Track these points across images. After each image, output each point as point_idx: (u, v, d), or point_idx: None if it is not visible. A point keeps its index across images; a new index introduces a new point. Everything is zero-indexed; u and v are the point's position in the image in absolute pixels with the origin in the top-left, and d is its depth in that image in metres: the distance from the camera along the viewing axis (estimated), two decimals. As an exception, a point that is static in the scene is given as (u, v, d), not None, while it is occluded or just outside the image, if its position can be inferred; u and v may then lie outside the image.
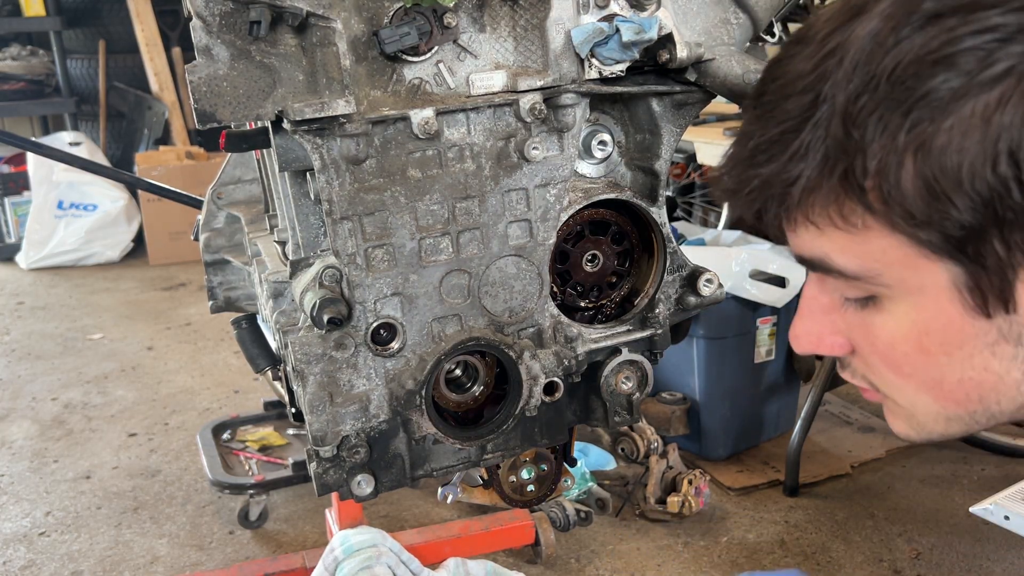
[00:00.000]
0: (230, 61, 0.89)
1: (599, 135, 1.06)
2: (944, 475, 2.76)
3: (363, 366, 0.99)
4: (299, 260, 1.03)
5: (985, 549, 2.38)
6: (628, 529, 2.51)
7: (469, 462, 1.09)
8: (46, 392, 3.67)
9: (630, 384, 1.11)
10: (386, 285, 0.97)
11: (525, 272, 1.03)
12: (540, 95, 0.97)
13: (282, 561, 2.27)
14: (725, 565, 2.36)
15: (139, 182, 2.71)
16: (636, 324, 1.12)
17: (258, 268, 1.36)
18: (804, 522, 2.53)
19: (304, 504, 2.72)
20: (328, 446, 0.99)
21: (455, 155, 0.97)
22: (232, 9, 0.89)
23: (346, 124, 0.91)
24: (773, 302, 2.72)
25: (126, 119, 6.42)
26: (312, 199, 1.03)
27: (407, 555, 1.95)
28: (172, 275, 5.35)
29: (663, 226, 1.09)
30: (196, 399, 3.53)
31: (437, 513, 2.64)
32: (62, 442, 3.21)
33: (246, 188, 1.70)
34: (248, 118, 0.91)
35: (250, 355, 1.56)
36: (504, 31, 0.97)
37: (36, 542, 2.59)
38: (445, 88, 0.96)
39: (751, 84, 1.01)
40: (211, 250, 1.72)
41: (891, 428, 0.76)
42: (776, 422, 2.97)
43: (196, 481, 2.88)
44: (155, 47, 6.03)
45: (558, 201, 1.02)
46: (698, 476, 2.50)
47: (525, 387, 1.03)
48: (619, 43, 0.95)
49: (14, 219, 5.84)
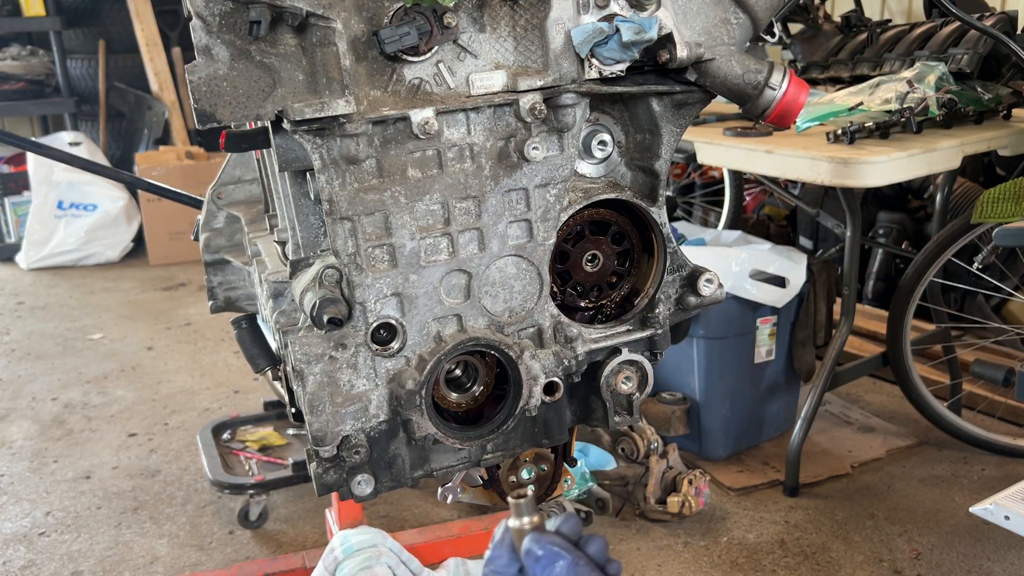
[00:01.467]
0: (230, 61, 0.89)
1: (599, 135, 1.06)
2: (944, 475, 2.76)
3: (363, 366, 0.99)
4: (299, 260, 1.03)
5: (985, 549, 2.37)
6: (628, 529, 2.51)
7: (469, 462, 1.09)
8: (46, 392, 3.67)
9: (630, 384, 1.11)
10: (386, 285, 0.97)
11: (525, 272, 1.03)
12: (540, 95, 0.97)
13: (282, 561, 2.27)
14: (725, 565, 2.36)
15: (139, 182, 2.71)
16: (636, 324, 1.12)
17: (258, 268, 1.36)
18: (804, 522, 2.53)
19: (304, 504, 2.72)
20: (328, 446, 0.99)
21: (455, 155, 0.97)
22: (232, 9, 0.88)
23: (346, 124, 0.90)
24: (773, 302, 2.72)
25: (126, 119, 6.42)
26: (312, 199, 1.03)
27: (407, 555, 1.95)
28: (172, 275, 5.35)
29: (663, 226, 1.09)
30: (196, 399, 3.52)
31: (437, 513, 2.64)
32: (62, 442, 3.21)
33: (246, 188, 1.70)
34: (248, 118, 0.91)
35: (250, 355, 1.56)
36: (504, 31, 0.97)
37: (36, 542, 2.59)
38: (445, 88, 0.96)
39: (751, 84, 1.01)
40: (211, 250, 1.72)
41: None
42: (776, 422, 2.97)
43: (196, 481, 2.88)
44: (155, 47, 6.03)
45: (558, 201, 1.02)
46: (698, 476, 2.50)
47: (525, 387, 1.03)
48: (619, 43, 0.95)
49: (14, 219, 5.84)
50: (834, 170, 2.22)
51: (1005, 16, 2.73)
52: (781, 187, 3.27)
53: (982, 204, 2.38)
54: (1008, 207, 2.32)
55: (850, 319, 2.71)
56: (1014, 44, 2.30)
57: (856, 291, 2.77)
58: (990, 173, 3.60)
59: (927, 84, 2.44)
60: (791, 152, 2.33)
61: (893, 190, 3.75)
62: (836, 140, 2.36)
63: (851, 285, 2.68)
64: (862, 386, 3.38)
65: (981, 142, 2.44)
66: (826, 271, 2.90)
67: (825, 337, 2.93)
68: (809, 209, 2.98)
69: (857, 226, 2.64)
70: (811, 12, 3.25)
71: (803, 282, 2.75)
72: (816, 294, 2.88)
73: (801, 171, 2.33)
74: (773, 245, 2.83)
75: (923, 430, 3.00)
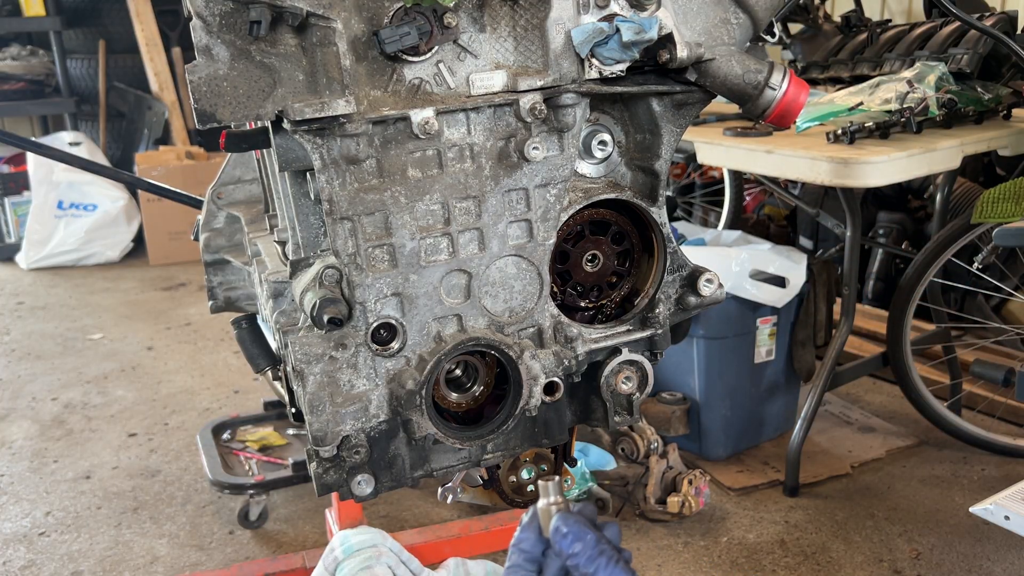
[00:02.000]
0: (230, 61, 0.89)
1: (599, 135, 1.06)
2: (944, 475, 2.76)
3: (363, 366, 0.99)
4: (299, 260, 1.03)
5: (985, 549, 2.38)
6: (628, 529, 2.51)
7: (469, 462, 1.09)
8: (46, 392, 3.67)
9: (630, 384, 1.11)
10: (386, 285, 0.97)
11: (525, 272, 1.03)
12: (540, 95, 0.97)
13: (282, 561, 2.27)
14: (725, 565, 2.36)
15: (139, 182, 2.71)
16: (636, 324, 1.12)
17: (258, 268, 1.36)
18: (804, 522, 2.53)
19: (304, 504, 2.72)
20: (328, 446, 0.99)
21: (455, 155, 0.97)
22: (232, 9, 0.88)
23: (346, 124, 0.90)
24: (773, 302, 2.72)
25: (126, 119, 6.42)
26: (312, 199, 1.03)
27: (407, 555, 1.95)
28: (172, 275, 5.35)
29: (663, 226, 1.09)
30: (196, 399, 3.53)
31: (437, 513, 2.64)
32: (62, 442, 3.21)
33: (246, 188, 1.70)
34: (248, 118, 0.91)
35: (250, 355, 1.56)
36: (504, 31, 0.97)
37: (36, 542, 2.59)
38: (445, 88, 0.96)
39: (751, 84, 1.01)
40: (211, 250, 1.72)
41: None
42: (776, 422, 2.97)
43: (196, 481, 2.88)
44: (155, 47, 6.03)
45: (558, 201, 1.02)
46: (698, 476, 2.50)
47: (525, 387, 1.03)
48: (619, 43, 0.95)
49: (14, 219, 5.84)
50: (834, 170, 2.22)
51: (1005, 16, 2.73)
52: (781, 187, 3.27)
53: (982, 204, 2.38)
54: (1008, 207, 2.32)
55: (850, 319, 2.71)
56: (1014, 44, 2.30)
57: (856, 291, 2.77)
58: (990, 173, 3.60)
59: (927, 84, 2.44)
60: (791, 152, 2.33)
61: (893, 190, 3.75)
62: (836, 140, 2.36)
63: (851, 285, 2.68)
64: (862, 386, 3.38)
65: (981, 142, 2.44)
66: (826, 271, 2.90)
67: (825, 337, 2.94)
68: (809, 209, 2.98)
69: (857, 226, 2.64)
70: (811, 12, 3.25)
71: (803, 282, 2.75)
72: (816, 294, 2.88)
73: (801, 171, 2.33)
74: (773, 245, 2.83)
75: (923, 430, 3.00)
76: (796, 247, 3.66)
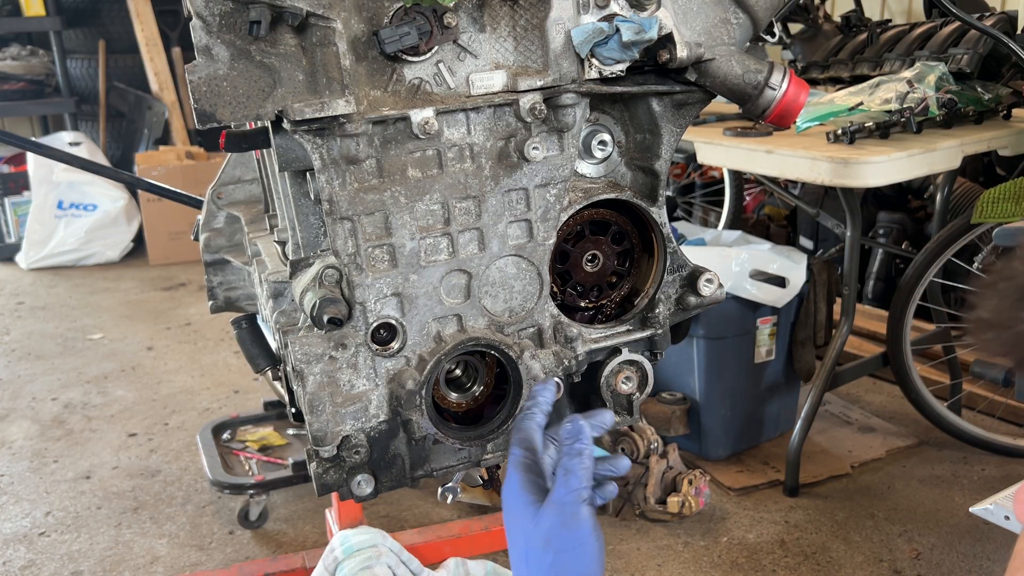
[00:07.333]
0: (230, 61, 0.89)
1: (599, 135, 1.06)
2: (944, 475, 2.76)
3: (363, 366, 0.99)
4: (299, 260, 1.03)
5: (985, 549, 2.37)
6: (628, 529, 2.51)
7: (469, 462, 1.09)
8: (46, 392, 3.67)
9: (630, 384, 1.11)
10: (386, 285, 0.97)
11: (525, 272, 1.03)
12: (540, 95, 0.97)
13: (282, 561, 2.27)
14: (725, 565, 2.36)
15: (139, 182, 2.71)
16: (636, 324, 1.12)
17: (258, 268, 1.36)
18: (804, 522, 2.53)
19: (304, 504, 2.72)
20: (328, 446, 0.99)
21: (455, 155, 0.97)
22: (232, 9, 0.88)
23: (346, 124, 0.90)
24: (773, 302, 2.72)
25: (126, 119, 6.42)
26: (312, 199, 1.03)
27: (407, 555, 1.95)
28: (172, 275, 5.35)
29: (663, 226, 1.09)
30: (196, 399, 3.53)
31: (437, 513, 2.64)
32: (62, 442, 3.21)
33: (246, 188, 1.70)
34: (248, 118, 0.91)
35: (250, 355, 1.56)
36: (504, 31, 0.97)
37: (36, 542, 2.59)
38: (445, 88, 0.96)
39: (751, 84, 1.01)
40: (211, 250, 1.72)
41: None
42: (776, 422, 2.97)
43: (196, 481, 2.88)
44: (155, 47, 6.03)
45: (558, 201, 1.02)
46: (698, 476, 2.50)
47: (525, 387, 1.03)
48: (619, 43, 0.95)
49: (14, 219, 5.84)
50: (834, 170, 2.22)
51: (1005, 16, 2.73)
52: (781, 187, 3.27)
53: (982, 204, 2.38)
54: (1008, 207, 2.32)
55: (850, 319, 2.71)
56: (1014, 44, 2.30)
57: (856, 291, 2.77)
58: (990, 173, 3.60)
59: (927, 84, 2.44)
60: (791, 152, 2.33)
61: (893, 190, 3.75)
62: (836, 140, 2.36)
63: (851, 285, 2.68)
64: (862, 386, 3.38)
65: (981, 142, 2.44)
66: (826, 271, 2.90)
67: (825, 337, 2.93)
68: (809, 209, 2.98)
69: (857, 226, 2.64)
70: (811, 12, 3.25)
71: (803, 282, 2.75)
72: (816, 294, 2.88)
73: (801, 171, 2.33)
74: (773, 245, 2.83)
75: (923, 430, 3.00)
76: (796, 247, 3.66)
